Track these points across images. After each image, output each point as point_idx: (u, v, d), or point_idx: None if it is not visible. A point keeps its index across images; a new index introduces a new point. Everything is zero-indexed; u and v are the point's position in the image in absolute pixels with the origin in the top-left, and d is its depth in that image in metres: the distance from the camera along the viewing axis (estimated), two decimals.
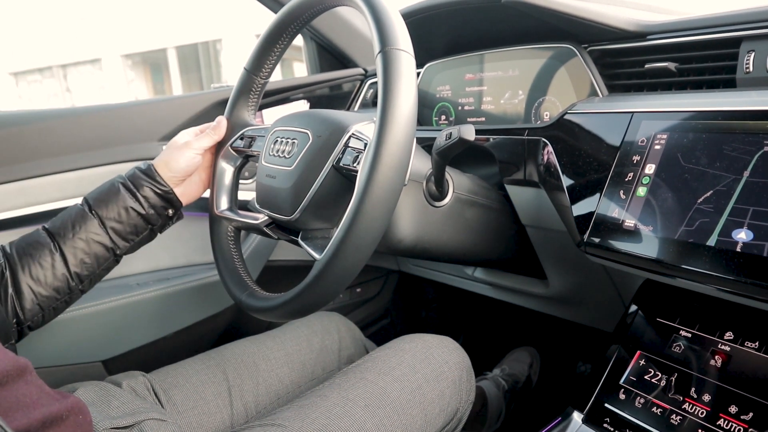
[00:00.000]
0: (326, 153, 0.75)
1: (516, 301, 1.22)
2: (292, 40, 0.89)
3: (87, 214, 0.82)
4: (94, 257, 0.82)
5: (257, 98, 0.94)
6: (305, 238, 0.77)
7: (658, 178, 0.71)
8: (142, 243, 0.88)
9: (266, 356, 0.96)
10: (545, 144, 0.86)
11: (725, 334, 0.69)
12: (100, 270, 0.84)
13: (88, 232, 0.81)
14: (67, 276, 0.80)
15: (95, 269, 0.83)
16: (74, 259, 0.80)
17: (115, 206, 0.83)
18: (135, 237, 0.85)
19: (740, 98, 0.70)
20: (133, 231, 0.85)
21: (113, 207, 0.83)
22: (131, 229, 0.84)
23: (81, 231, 0.81)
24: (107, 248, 0.83)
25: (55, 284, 0.80)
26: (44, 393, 0.59)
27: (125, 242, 0.85)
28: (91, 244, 0.81)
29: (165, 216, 0.87)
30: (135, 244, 0.86)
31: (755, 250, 0.60)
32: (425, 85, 1.18)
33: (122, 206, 0.83)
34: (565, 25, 0.90)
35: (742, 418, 0.62)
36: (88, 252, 0.81)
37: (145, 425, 0.71)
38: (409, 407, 0.83)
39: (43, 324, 0.82)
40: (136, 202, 0.83)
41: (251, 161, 0.94)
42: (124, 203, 0.83)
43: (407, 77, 0.64)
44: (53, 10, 14.14)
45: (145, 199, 0.84)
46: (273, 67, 0.91)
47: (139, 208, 0.84)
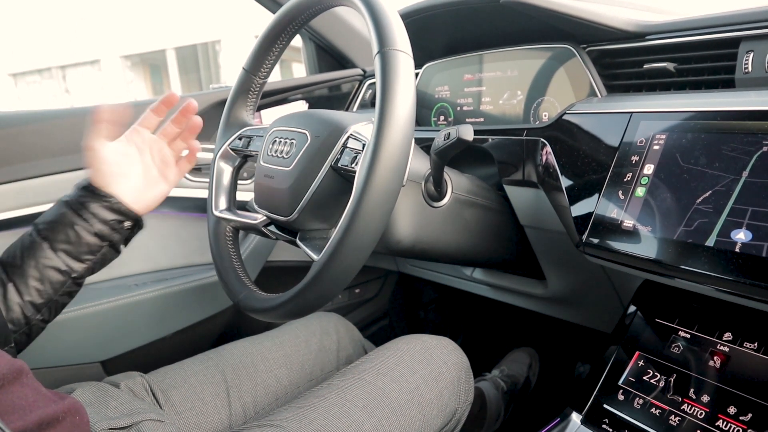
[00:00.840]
0: (324, 153, 0.75)
1: (515, 301, 1.22)
2: (291, 40, 0.89)
3: (36, 239, 0.77)
4: (48, 284, 0.77)
5: (256, 98, 0.94)
6: (303, 238, 0.77)
7: (656, 179, 0.71)
8: (105, 261, 0.83)
9: (265, 357, 0.96)
10: (544, 144, 0.86)
11: (724, 335, 0.69)
12: (58, 296, 0.78)
13: (38, 258, 0.76)
14: (20, 306, 0.75)
15: (52, 296, 0.78)
16: (26, 287, 0.76)
17: (63, 228, 0.78)
18: (91, 256, 0.80)
19: (739, 98, 0.70)
20: (87, 251, 0.79)
21: (61, 229, 0.78)
22: (85, 249, 0.79)
23: (30, 258, 0.76)
24: (61, 272, 0.78)
25: (10, 315, 0.75)
26: (41, 395, 0.59)
27: (81, 264, 0.79)
28: (42, 270, 0.76)
29: (123, 229, 0.82)
30: (95, 263, 0.81)
31: (754, 251, 0.60)
32: (424, 85, 1.18)
33: (70, 227, 0.78)
34: (564, 25, 0.90)
35: (740, 419, 0.62)
36: (40, 278, 0.76)
37: (143, 426, 0.71)
38: (408, 408, 0.83)
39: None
40: (83, 220, 0.78)
41: (249, 161, 0.94)
42: (71, 223, 0.78)
43: (405, 78, 0.64)
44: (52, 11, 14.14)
45: (92, 216, 0.79)
46: (272, 67, 0.91)
47: (87, 226, 0.78)
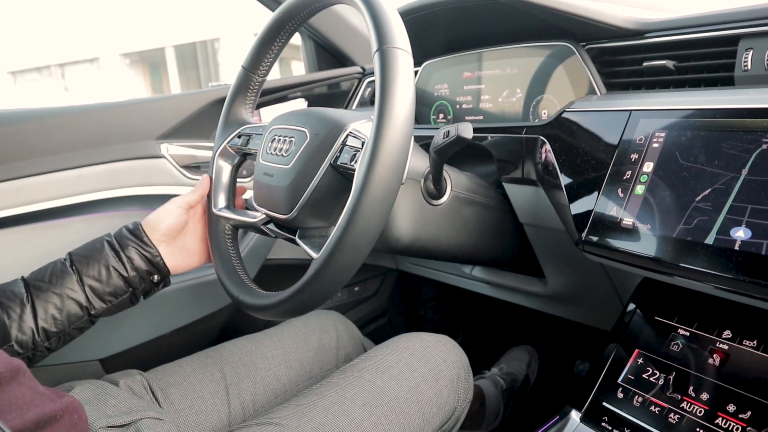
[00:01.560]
0: (323, 151, 0.75)
1: (514, 299, 1.22)
2: (290, 37, 0.88)
3: (67, 269, 0.79)
4: (66, 314, 0.78)
5: (255, 96, 0.94)
6: (303, 236, 0.77)
7: (656, 177, 0.71)
8: (121, 307, 0.84)
9: (264, 355, 0.96)
10: (543, 142, 0.86)
11: (723, 333, 0.69)
12: (71, 329, 0.79)
13: (64, 287, 0.78)
14: (33, 330, 0.76)
15: (65, 327, 0.78)
16: (44, 313, 0.76)
17: (96, 264, 0.80)
18: (113, 299, 0.81)
19: (738, 96, 0.69)
20: (112, 292, 0.81)
21: (94, 264, 0.80)
22: (111, 289, 0.81)
23: (57, 285, 0.77)
24: (81, 306, 0.79)
25: (20, 337, 0.75)
26: (38, 393, 0.59)
27: (102, 303, 0.80)
28: (65, 300, 0.77)
29: (149, 281, 0.84)
30: (113, 306, 0.82)
31: (753, 248, 0.60)
32: (423, 83, 1.18)
33: (104, 265, 0.80)
34: (564, 23, 0.90)
35: (740, 416, 0.62)
36: (60, 308, 0.77)
37: (142, 424, 0.71)
38: (407, 406, 0.83)
39: None
40: (119, 262, 0.81)
41: (249, 159, 0.94)
42: (106, 262, 0.80)
43: (405, 76, 0.64)
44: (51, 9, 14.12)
45: (129, 260, 0.81)
46: (271, 64, 0.91)
47: (121, 269, 0.81)
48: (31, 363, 0.78)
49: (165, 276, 0.86)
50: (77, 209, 1.12)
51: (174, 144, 1.20)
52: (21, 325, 0.75)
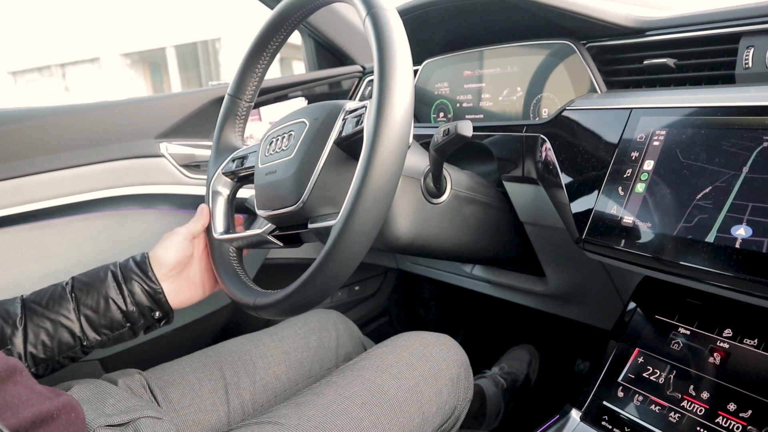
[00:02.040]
0: (325, 132, 0.74)
1: (514, 298, 1.22)
2: (272, 60, 0.90)
3: (66, 294, 0.76)
4: (57, 342, 0.75)
5: (243, 122, 0.95)
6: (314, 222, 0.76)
7: (656, 175, 0.71)
8: (119, 340, 0.81)
9: (263, 354, 0.96)
10: (543, 141, 0.85)
11: (724, 332, 0.69)
12: (60, 357, 0.76)
13: (59, 314, 0.75)
14: (21, 355, 0.73)
15: (55, 355, 0.75)
16: (35, 338, 0.74)
17: (95, 293, 0.77)
18: (109, 332, 0.79)
19: (739, 94, 0.69)
20: (108, 325, 0.78)
21: (93, 294, 0.77)
22: (107, 322, 0.78)
23: (52, 310, 0.75)
24: (74, 336, 0.76)
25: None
26: (35, 392, 0.58)
27: (96, 335, 0.78)
28: (57, 327, 0.75)
29: (150, 318, 0.81)
30: (108, 340, 0.79)
31: (754, 247, 0.60)
32: (423, 82, 1.18)
33: (103, 296, 0.77)
34: (564, 21, 0.90)
35: (740, 415, 0.62)
36: (52, 335, 0.74)
37: (141, 423, 0.70)
38: (407, 405, 0.82)
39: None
40: (119, 294, 0.78)
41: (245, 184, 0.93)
42: (106, 293, 0.77)
43: (398, 31, 0.64)
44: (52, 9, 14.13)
45: (130, 294, 0.79)
46: (256, 88, 0.92)
47: (120, 302, 0.78)
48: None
49: (167, 313, 0.83)
50: (76, 208, 1.12)
51: (173, 143, 1.20)
52: (10, 349, 0.72)
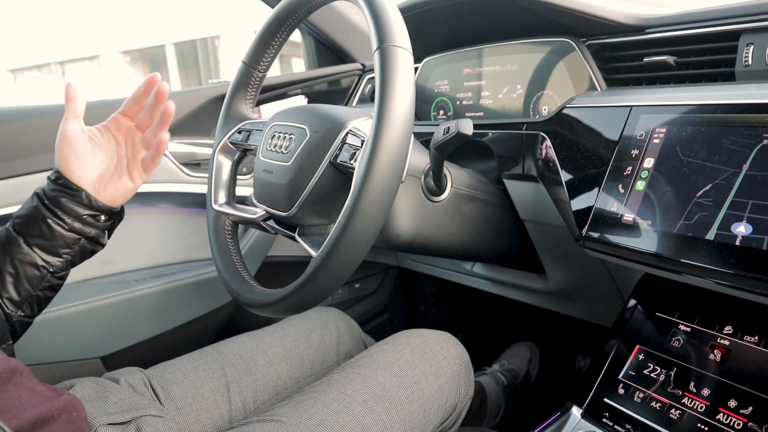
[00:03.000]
0: (323, 149, 0.75)
1: (515, 296, 1.22)
2: (290, 33, 0.88)
3: (11, 234, 0.74)
4: (25, 279, 0.74)
5: (255, 92, 0.94)
6: (302, 234, 0.77)
7: (656, 172, 0.71)
8: (85, 254, 0.79)
9: (264, 352, 0.96)
10: (544, 138, 0.85)
11: (724, 329, 0.69)
12: (38, 291, 0.75)
13: (13, 254, 0.73)
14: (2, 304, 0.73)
15: (31, 291, 0.74)
16: (2, 284, 0.73)
17: (36, 223, 0.74)
18: (68, 250, 0.76)
19: (739, 91, 0.69)
20: (63, 245, 0.75)
21: (35, 224, 0.74)
22: (61, 243, 0.75)
23: (5, 254, 0.73)
24: (38, 267, 0.74)
25: None
26: (35, 393, 0.59)
27: (58, 258, 0.75)
28: (18, 266, 0.73)
29: (97, 224, 0.77)
30: (74, 256, 0.77)
31: (754, 244, 0.60)
32: (423, 79, 1.18)
33: (43, 222, 0.74)
34: (564, 19, 0.90)
35: (741, 412, 0.62)
36: (16, 274, 0.73)
37: (143, 421, 0.71)
38: (408, 402, 0.83)
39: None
40: (54, 217, 0.74)
41: (249, 155, 0.94)
42: (44, 218, 0.74)
43: (405, 74, 0.64)
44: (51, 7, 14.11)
45: (64, 212, 0.74)
46: (271, 60, 0.90)
47: (60, 222, 0.74)
48: (16, 336, 0.76)
49: (113, 213, 0.79)
50: None
51: (173, 141, 1.20)
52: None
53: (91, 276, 1.15)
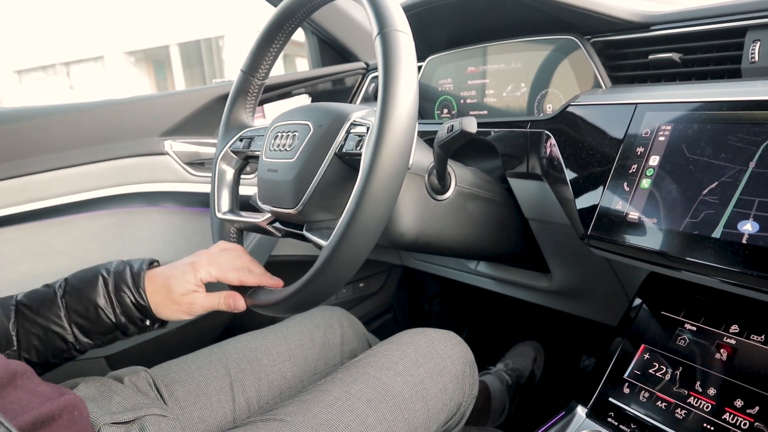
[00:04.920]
0: (328, 141, 0.74)
1: (519, 295, 1.21)
2: (288, 39, 0.89)
3: (56, 300, 0.73)
4: (50, 347, 0.72)
5: (255, 99, 0.94)
6: (310, 229, 0.77)
7: (662, 170, 0.70)
8: (113, 341, 0.78)
9: (268, 351, 0.96)
10: (548, 136, 0.85)
11: (731, 327, 0.69)
12: (53, 359, 0.74)
13: (49, 320, 0.72)
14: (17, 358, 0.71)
15: (48, 357, 0.73)
16: (27, 343, 0.71)
17: (85, 300, 0.73)
18: (102, 337, 0.75)
19: (745, 88, 0.69)
20: (99, 331, 0.75)
21: (83, 300, 0.73)
22: (98, 329, 0.74)
23: (42, 315, 0.72)
24: (66, 342, 0.73)
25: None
26: (35, 395, 0.59)
27: (89, 340, 0.74)
28: (48, 334, 0.72)
29: (141, 324, 0.77)
30: (102, 343, 0.76)
31: (761, 242, 0.60)
32: (427, 78, 1.17)
33: (93, 303, 0.73)
34: (568, 16, 0.89)
35: (747, 411, 0.62)
36: (44, 340, 0.72)
37: (147, 420, 0.71)
38: (412, 402, 0.82)
39: None
40: (108, 304, 0.74)
41: (251, 162, 0.93)
42: (95, 300, 0.73)
43: (407, 58, 0.64)
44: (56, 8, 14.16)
45: (119, 305, 0.74)
46: (270, 66, 0.91)
47: (110, 312, 0.74)
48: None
49: (157, 321, 0.79)
50: (82, 206, 1.13)
51: (178, 141, 1.21)
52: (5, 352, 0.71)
53: None
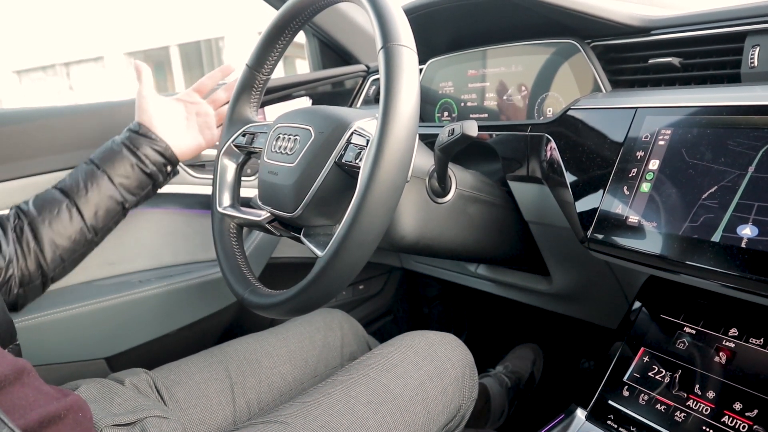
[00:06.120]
0: (328, 149, 0.75)
1: (519, 297, 1.22)
2: (294, 36, 0.89)
3: (96, 171, 0.89)
4: (105, 211, 0.90)
5: (259, 94, 0.94)
6: (307, 235, 0.77)
7: (662, 174, 0.71)
8: (146, 197, 0.96)
9: (269, 353, 0.96)
10: (548, 140, 0.85)
11: (730, 331, 0.69)
12: (111, 222, 0.92)
13: (101, 189, 0.89)
14: (84, 228, 0.88)
15: (108, 222, 0.91)
16: (89, 213, 0.88)
17: (121, 164, 0.90)
18: (141, 192, 0.93)
19: (745, 93, 0.69)
20: (138, 186, 0.92)
21: (120, 164, 0.90)
22: (137, 184, 0.92)
23: (93, 187, 0.88)
24: (118, 202, 0.91)
25: (74, 236, 0.87)
26: (42, 393, 0.59)
27: (133, 196, 0.92)
28: (104, 199, 0.89)
29: (165, 172, 0.95)
30: (141, 198, 0.94)
31: (760, 246, 0.60)
32: (428, 81, 1.18)
33: (128, 164, 0.91)
34: (569, 20, 0.90)
35: (746, 415, 0.62)
36: (100, 206, 0.89)
37: (147, 422, 0.71)
38: (412, 404, 0.83)
39: (63, 275, 0.90)
40: (138, 160, 0.91)
41: (253, 158, 0.94)
42: (129, 161, 0.91)
43: (409, 74, 0.64)
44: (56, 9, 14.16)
45: (146, 157, 0.92)
46: (275, 63, 0.91)
47: (143, 166, 0.92)
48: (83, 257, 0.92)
49: (175, 164, 0.97)
50: None
51: None
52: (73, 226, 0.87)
53: (96, 277, 1.15)
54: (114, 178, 0.90)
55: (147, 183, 0.93)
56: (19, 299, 0.85)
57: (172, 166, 0.96)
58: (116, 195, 0.90)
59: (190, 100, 1.01)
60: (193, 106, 1.01)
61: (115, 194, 0.90)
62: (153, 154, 0.92)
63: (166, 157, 0.94)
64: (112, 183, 0.90)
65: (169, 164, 0.95)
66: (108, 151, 0.92)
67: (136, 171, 0.91)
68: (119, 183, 0.90)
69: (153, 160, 0.92)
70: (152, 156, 0.92)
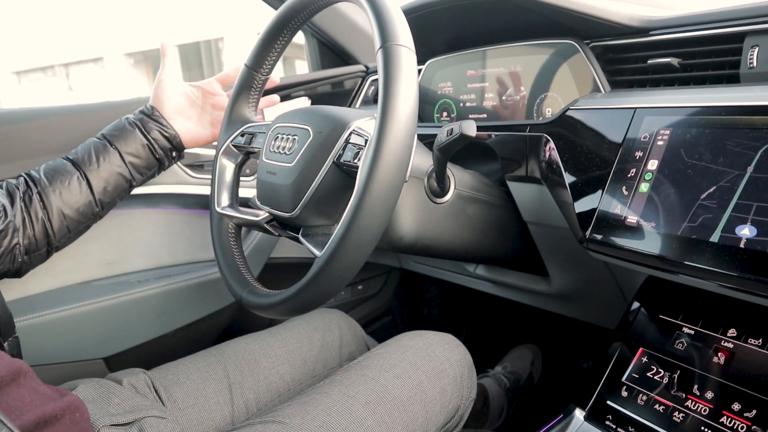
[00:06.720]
0: (327, 149, 0.75)
1: (518, 298, 1.22)
2: (293, 36, 0.88)
3: (108, 147, 0.90)
4: (114, 186, 0.91)
5: (258, 94, 0.94)
6: (306, 234, 0.77)
7: (660, 174, 0.71)
8: (151, 177, 0.97)
9: (267, 353, 0.96)
10: (547, 140, 0.85)
11: (728, 331, 0.69)
12: (117, 198, 0.93)
13: (111, 164, 0.90)
14: (92, 201, 0.89)
15: (114, 198, 0.92)
16: (99, 187, 0.89)
17: (132, 143, 0.91)
18: (147, 171, 0.94)
19: (744, 93, 0.69)
20: (146, 166, 0.94)
21: (131, 143, 0.91)
22: (145, 164, 0.93)
23: (104, 162, 0.89)
24: (126, 179, 0.92)
25: (82, 209, 0.88)
26: (38, 394, 0.59)
27: (140, 175, 0.93)
28: (113, 175, 0.90)
29: (170, 157, 0.97)
30: (146, 178, 0.96)
31: (759, 246, 0.60)
32: (427, 81, 1.18)
33: (139, 143, 0.92)
34: (568, 20, 0.90)
35: (745, 415, 0.62)
36: (110, 181, 0.90)
37: (145, 422, 0.71)
38: (410, 404, 0.82)
39: (67, 245, 0.90)
40: (148, 142, 0.93)
41: (252, 158, 0.94)
42: (140, 141, 0.92)
43: (408, 73, 0.64)
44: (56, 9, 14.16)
45: (155, 141, 0.93)
46: (274, 63, 0.91)
47: (151, 148, 0.93)
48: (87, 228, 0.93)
49: (181, 151, 0.98)
50: None
51: None
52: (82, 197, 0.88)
53: (95, 277, 1.15)
54: (125, 156, 0.91)
55: (154, 164, 0.95)
56: (23, 266, 0.85)
57: (177, 153, 0.98)
58: (125, 172, 0.91)
59: (210, 90, 1.01)
60: (211, 97, 1.01)
61: (125, 171, 0.91)
62: (162, 140, 0.93)
63: (174, 145, 0.96)
64: (122, 160, 0.91)
65: (175, 150, 0.97)
66: (120, 129, 0.92)
67: (147, 151, 0.93)
68: (129, 162, 0.91)
69: (161, 144, 0.94)
70: (161, 141, 0.93)
